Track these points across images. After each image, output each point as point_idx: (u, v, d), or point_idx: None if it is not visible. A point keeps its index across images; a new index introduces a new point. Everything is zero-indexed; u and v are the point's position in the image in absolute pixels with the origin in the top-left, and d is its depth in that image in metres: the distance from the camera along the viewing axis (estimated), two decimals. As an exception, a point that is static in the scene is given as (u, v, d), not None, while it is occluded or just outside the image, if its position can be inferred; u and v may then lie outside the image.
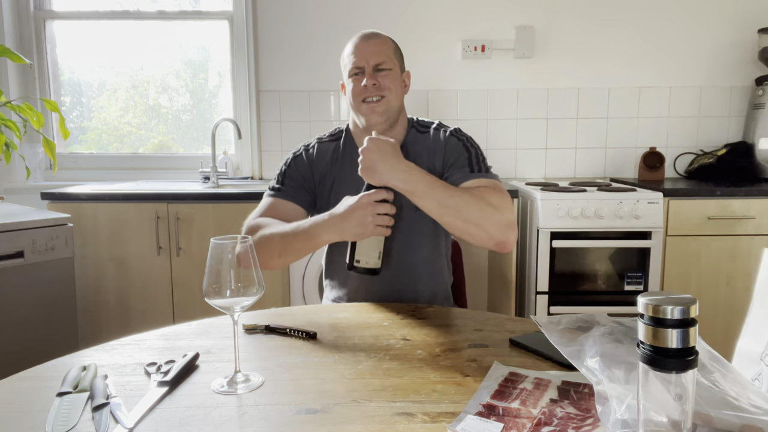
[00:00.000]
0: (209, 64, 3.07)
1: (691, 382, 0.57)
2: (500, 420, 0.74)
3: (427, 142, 1.42)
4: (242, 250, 1.19)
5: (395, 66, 1.39)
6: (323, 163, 1.44)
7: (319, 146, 1.47)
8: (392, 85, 1.36)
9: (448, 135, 1.42)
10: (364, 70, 1.35)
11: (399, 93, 1.39)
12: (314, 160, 1.44)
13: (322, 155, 1.45)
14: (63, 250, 2.03)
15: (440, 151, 1.40)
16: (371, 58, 1.35)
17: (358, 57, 1.36)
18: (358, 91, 1.36)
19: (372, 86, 1.33)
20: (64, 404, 0.80)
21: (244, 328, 1.10)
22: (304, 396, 0.82)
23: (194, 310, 2.42)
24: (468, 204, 1.20)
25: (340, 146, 1.46)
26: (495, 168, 1.51)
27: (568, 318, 0.93)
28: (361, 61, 1.35)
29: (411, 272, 1.40)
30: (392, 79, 1.36)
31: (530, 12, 2.87)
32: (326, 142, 1.48)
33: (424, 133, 1.45)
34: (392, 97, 1.36)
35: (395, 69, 1.38)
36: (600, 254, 2.36)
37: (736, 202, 2.36)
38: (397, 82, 1.38)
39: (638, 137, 2.94)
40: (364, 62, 1.35)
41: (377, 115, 1.35)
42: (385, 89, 1.35)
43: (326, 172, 1.43)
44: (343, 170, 1.42)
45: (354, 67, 1.36)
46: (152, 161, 3.02)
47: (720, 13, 2.86)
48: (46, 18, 2.94)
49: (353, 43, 1.39)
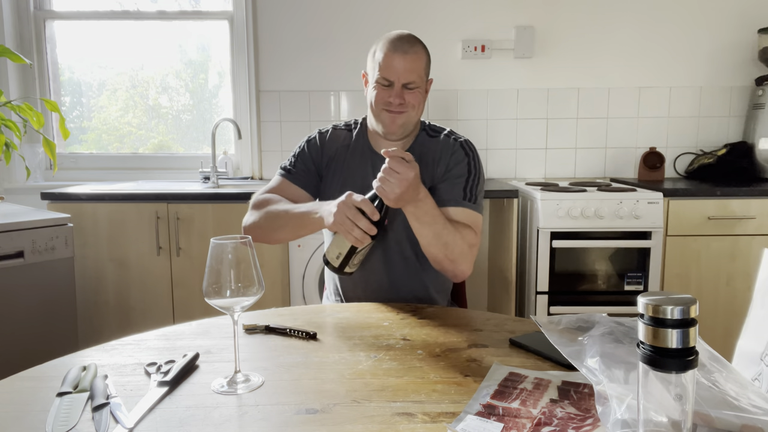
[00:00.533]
0: (209, 64, 3.07)
1: (691, 382, 0.57)
2: (500, 420, 0.74)
3: (436, 147, 1.43)
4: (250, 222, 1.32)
5: (422, 81, 1.38)
6: (334, 147, 1.46)
7: (333, 132, 1.49)
8: (417, 102, 1.36)
9: (457, 145, 1.43)
10: (392, 84, 1.34)
11: (421, 108, 1.39)
12: (326, 143, 1.47)
13: (334, 140, 1.48)
14: (63, 250, 2.03)
15: (445, 159, 1.41)
16: (403, 76, 1.33)
17: (390, 71, 1.33)
18: (381, 100, 1.35)
19: (398, 104, 1.34)
20: (64, 404, 0.80)
21: (244, 328, 1.10)
22: (304, 396, 0.82)
23: (194, 310, 2.42)
24: (456, 244, 1.28)
25: (352, 136, 1.48)
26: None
27: (568, 318, 0.93)
28: (392, 75, 1.33)
29: (413, 269, 1.41)
30: (417, 97, 1.36)
31: (530, 12, 2.87)
32: (341, 129, 1.50)
33: (434, 137, 1.46)
34: (414, 113, 1.37)
35: (422, 85, 1.38)
36: (600, 254, 2.36)
37: (736, 202, 2.36)
38: (420, 98, 1.38)
39: (638, 137, 2.94)
40: (395, 78, 1.33)
41: (396, 126, 1.36)
42: (409, 106, 1.35)
43: (334, 157, 1.46)
44: (352, 161, 1.44)
45: (383, 78, 1.34)
46: (152, 161, 3.02)
47: (720, 13, 2.86)
48: (46, 18, 2.94)
49: (388, 49, 1.34)
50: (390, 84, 1.34)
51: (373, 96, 1.37)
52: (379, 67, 1.34)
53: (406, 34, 1.37)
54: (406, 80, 1.33)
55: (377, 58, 1.36)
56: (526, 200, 2.49)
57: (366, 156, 1.45)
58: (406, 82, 1.33)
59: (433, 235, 1.26)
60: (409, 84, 1.34)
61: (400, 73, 1.33)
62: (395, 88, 1.34)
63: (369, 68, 1.40)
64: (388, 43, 1.35)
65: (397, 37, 1.35)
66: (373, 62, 1.37)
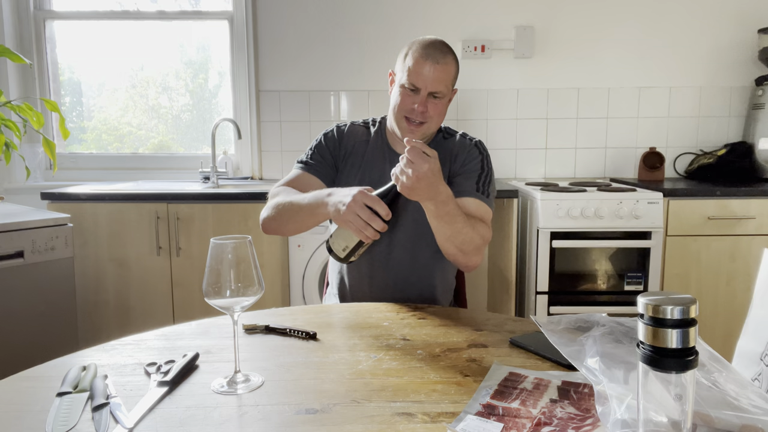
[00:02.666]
0: (209, 64, 3.07)
1: (691, 382, 0.57)
2: (500, 420, 0.74)
3: (451, 147, 1.46)
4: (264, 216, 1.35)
5: (449, 91, 1.38)
6: (351, 142, 1.47)
7: (351, 127, 1.50)
8: (438, 114, 1.37)
9: (471, 144, 1.46)
10: (418, 91, 1.34)
11: (441, 119, 1.40)
12: (344, 137, 1.48)
13: (351, 135, 1.48)
14: (63, 250, 2.03)
15: (461, 157, 1.44)
16: (431, 85, 1.33)
17: (418, 78, 1.32)
18: (404, 107, 1.35)
19: (420, 112, 1.34)
20: (64, 404, 0.80)
21: (244, 328, 1.10)
22: (304, 396, 0.82)
23: (194, 310, 2.42)
24: (472, 240, 1.28)
25: (371, 132, 1.49)
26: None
27: (568, 318, 0.93)
28: (420, 83, 1.33)
29: (422, 270, 1.42)
30: (440, 108, 1.37)
31: (530, 12, 2.87)
32: (359, 126, 1.51)
33: (449, 139, 1.49)
34: (433, 124, 1.38)
35: (447, 95, 1.38)
36: (600, 254, 2.36)
37: (736, 202, 2.36)
38: (444, 109, 1.39)
39: (638, 137, 2.94)
40: (422, 86, 1.33)
41: (413, 135, 1.36)
42: (430, 118, 1.35)
43: (352, 151, 1.47)
44: (371, 157, 1.45)
45: (411, 83, 1.33)
46: (152, 161, 3.02)
47: (720, 13, 2.86)
48: (46, 18, 2.94)
49: (419, 55, 1.33)
50: (416, 90, 1.34)
51: (398, 101, 1.36)
52: (408, 72, 1.33)
53: (440, 41, 1.36)
54: (433, 89, 1.33)
55: (407, 62, 1.34)
56: (526, 200, 2.49)
57: (385, 154, 1.46)
58: (432, 91, 1.33)
59: (452, 233, 1.26)
60: (436, 93, 1.34)
61: (429, 81, 1.32)
62: (421, 95, 1.34)
63: (398, 69, 1.39)
64: (420, 49, 1.33)
65: (430, 43, 1.34)
66: (403, 66, 1.36)
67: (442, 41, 1.38)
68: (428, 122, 1.36)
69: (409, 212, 1.40)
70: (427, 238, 1.39)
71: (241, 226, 2.38)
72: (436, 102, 1.35)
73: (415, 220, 1.39)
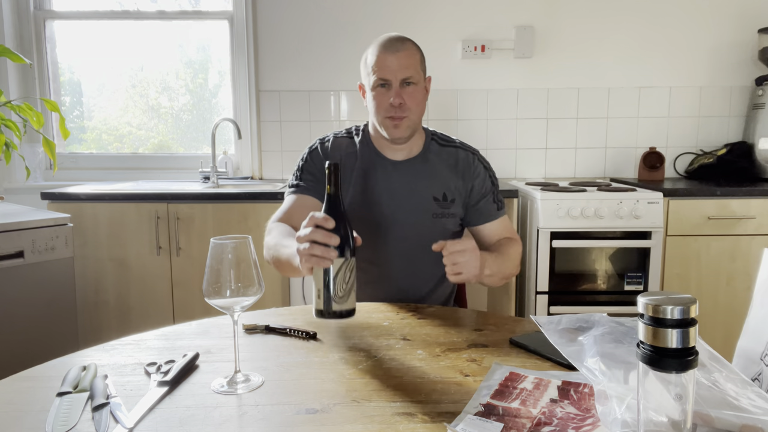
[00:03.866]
0: (209, 64, 3.07)
1: (691, 382, 0.57)
2: (500, 420, 0.74)
3: (451, 158, 1.45)
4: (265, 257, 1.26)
5: (420, 78, 1.36)
6: (338, 155, 1.44)
7: (335, 140, 1.47)
8: (415, 103, 1.35)
9: (475, 160, 1.46)
10: (390, 83, 1.33)
11: (421, 108, 1.38)
12: (329, 152, 1.44)
13: (336, 148, 1.45)
14: (63, 250, 2.03)
15: (468, 175, 1.43)
16: (399, 73, 1.31)
17: (385, 70, 1.32)
18: (382, 105, 1.34)
19: (398, 105, 1.32)
20: (64, 404, 0.80)
21: (244, 328, 1.10)
22: (304, 396, 0.82)
23: (194, 310, 2.42)
24: (512, 269, 1.37)
25: (356, 144, 1.46)
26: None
27: (568, 318, 0.93)
28: (388, 74, 1.32)
29: (421, 273, 1.42)
30: (417, 96, 1.35)
31: (530, 12, 2.87)
32: (342, 137, 1.48)
33: (446, 147, 1.47)
34: (414, 115, 1.36)
35: (420, 81, 1.36)
36: (600, 254, 2.36)
37: (736, 202, 2.36)
38: (421, 97, 1.37)
39: (638, 137, 2.94)
40: (392, 76, 1.32)
41: (400, 131, 1.35)
42: (409, 110, 1.34)
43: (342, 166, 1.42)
44: (363, 170, 1.42)
45: (379, 79, 1.33)
46: (152, 161, 3.02)
47: (720, 13, 2.86)
48: (46, 18, 2.94)
49: (379, 51, 1.33)
50: (387, 84, 1.33)
51: (374, 104, 1.35)
52: (373, 70, 1.33)
53: (395, 34, 1.37)
54: (403, 76, 1.32)
55: (369, 63, 1.34)
56: (526, 200, 2.49)
57: (376, 163, 1.43)
58: (403, 78, 1.32)
59: (498, 279, 1.32)
60: (407, 79, 1.32)
61: (396, 70, 1.31)
62: (393, 87, 1.32)
63: (363, 76, 1.39)
64: (378, 46, 1.34)
65: (386, 38, 1.35)
66: (367, 68, 1.36)
67: (398, 34, 1.37)
68: (409, 114, 1.34)
69: (410, 225, 1.40)
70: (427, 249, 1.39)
71: (241, 226, 2.38)
72: (411, 90, 1.33)
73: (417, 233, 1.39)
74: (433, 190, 1.41)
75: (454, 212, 1.42)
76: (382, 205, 1.40)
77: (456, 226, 1.45)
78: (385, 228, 1.40)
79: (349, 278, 1.01)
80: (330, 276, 0.99)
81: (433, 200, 1.41)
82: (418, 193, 1.41)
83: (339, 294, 1.00)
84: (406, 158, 1.43)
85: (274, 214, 1.41)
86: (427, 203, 1.41)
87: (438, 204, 1.41)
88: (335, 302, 1.00)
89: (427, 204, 1.41)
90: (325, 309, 1.00)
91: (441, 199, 1.42)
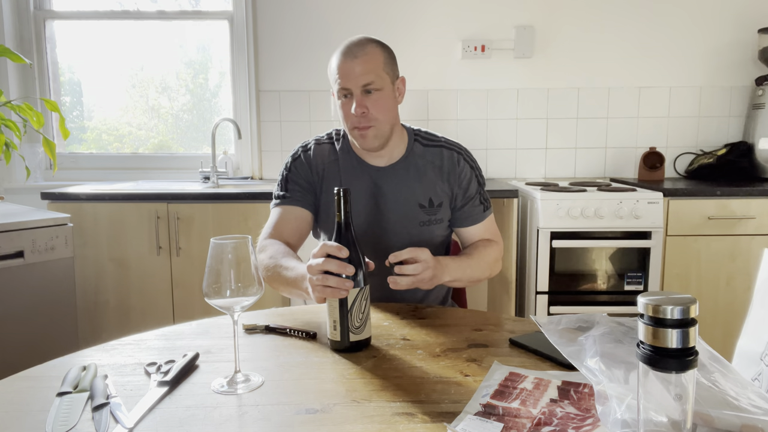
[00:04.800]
0: (209, 64, 3.07)
1: (691, 382, 0.57)
2: (500, 420, 0.74)
3: (436, 159, 1.40)
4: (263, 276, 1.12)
5: (385, 81, 1.29)
6: (321, 163, 1.40)
7: (317, 147, 1.42)
8: (382, 111, 1.28)
9: (460, 160, 1.41)
10: (351, 92, 1.27)
11: (390, 115, 1.31)
12: (312, 160, 1.40)
13: (319, 155, 1.41)
14: (63, 250, 2.03)
15: (454, 176, 1.39)
16: (359, 79, 1.25)
17: (345, 78, 1.26)
18: (347, 116, 1.29)
19: (361, 114, 1.26)
20: (64, 404, 0.80)
21: (244, 328, 1.10)
22: (304, 396, 0.82)
23: (194, 310, 2.42)
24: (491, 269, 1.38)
25: (337, 149, 1.41)
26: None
27: (568, 318, 0.93)
28: (348, 82, 1.26)
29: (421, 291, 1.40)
30: (382, 103, 1.28)
31: (530, 12, 2.87)
32: (324, 143, 1.43)
33: (431, 147, 1.41)
34: (382, 124, 1.29)
35: (386, 86, 1.29)
36: (600, 254, 2.36)
37: (736, 202, 2.36)
38: (388, 103, 1.30)
39: (638, 137, 2.94)
40: (352, 84, 1.26)
41: (369, 140, 1.30)
42: (374, 119, 1.27)
43: (325, 175, 1.39)
44: (347, 178, 1.38)
45: (341, 89, 1.27)
46: (152, 161, 3.02)
47: (720, 13, 2.86)
48: (46, 18, 2.94)
49: (339, 58, 1.28)
50: (349, 93, 1.27)
51: (340, 112, 1.31)
52: (335, 79, 1.28)
53: (358, 38, 1.30)
54: (363, 82, 1.25)
55: (332, 71, 1.29)
56: (526, 200, 2.49)
57: (360, 170, 1.38)
58: (364, 84, 1.25)
59: (465, 283, 1.34)
60: (368, 86, 1.25)
61: (354, 77, 1.25)
62: (355, 96, 1.26)
63: (331, 85, 1.32)
64: (339, 53, 1.28)
65: (347, 43, 1.29)
66: (331, 76, 1.31)
67: (361, 36, 1.30)
68: (374, 123, 1.28)
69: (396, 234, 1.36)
70: None
71: (241, 226, 2.39)
72: (375, 97, 1.27)
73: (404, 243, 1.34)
74: (419, 196, 1.37)
75: (442, 217, 1.39)
76: (367, 216, 1.37)
77: (444, 230, 1.42)
78: (371, 239, 1.36)
79: (364, 307, 0.99)
80: (346, 307, 0.97)
81: (419, 207, 1.37)
82: (403, 202, 1.37)
83: (356, 324, 0.98)
84: (388, 164, 1.38)
85: (264, 230, 1.36)
86: (413, 212, 1.37)
87: (424, 211, 1.37)
88: (352, 333, 0.98)
89: (413, 212, 1.37)
90: (342, 341, 0.98)
91: (427, 205, 1.37)
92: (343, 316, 0.97)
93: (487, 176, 2.95)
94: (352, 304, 0.97)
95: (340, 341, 0.98)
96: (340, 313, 0.97)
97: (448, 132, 2.92)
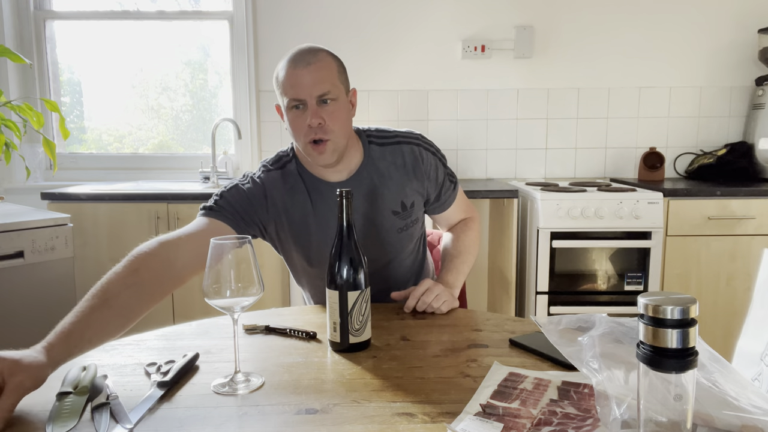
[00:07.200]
0: (209, 64, 3.07)
1: (691, 382, 0.57)
2: (500, 420, 0.74)
3: (397, 157, 1.31)
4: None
5: (341, 91, 1.20)
6: (277, 197, 1.26)
7: (267, 176, 1.28)
8: (338, 123, 1.19)
9: (423, 152, 1.33)
10: (305, 103, 1.17)
11: (346, 127, 1.22)
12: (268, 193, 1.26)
13: (273, 188, 1.27)
14: (63, 250, 2.03)
15: (421, 171, 1.32)
16: (314, 89, 1.16)
17: (297, 88, 1.16)
18: (301, 130, 1.19)
19: (318, 126, 1.17)
20: (64, 404, 0.80)
21: (244, 328, 1.10)
22: (304, 396, 0.82)
23: (194, 310, 2.42)
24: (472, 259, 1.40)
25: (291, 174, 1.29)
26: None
27: (568, 318, 0.92)
28: (302, 92, 1.16)
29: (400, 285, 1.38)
30: (338, 115, 1.19)
31: (530, 12, 2.87)
32: (273, 172, 1.29)
33: (387, 145, 1.32)
34: (338, 137, 1.20)
35: (341, 96, 1.20)
36: (600, 254, 2.36)
37: (736, 202, 2.36)
38: (344, 115, 1.21)
39: (638, 137, 2.94)
40: (306, 95, 1.16)
41: (327, 156, 1.20)
42: (331, 132, 1.18)
43: (283, 208, 1.27)
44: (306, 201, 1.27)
45: (293, 100, 1.17)
46: (152, 161, 3.02)
47: (720, 13, 2.86)
48: (46, 18, 2.94)
49: (288, 66, 1.18)
50: (302, 103, 1.17)
51: (291, 126, 1.20)
52: (285, 89, 1.18)
53: (306, 46, 1.21)
54: (319, 92, 1.16)
55: (280, 82, 1.19)
56: (526, 200, 2.49)
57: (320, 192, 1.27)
58: (319, 95, 1.16)
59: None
60: (324, 95, 1.17)
61: (309, 86, 1.16)
62: (310, 107, 1.17)
63: (278, 98, 1.23)
64: (287, 61, 1.19)
65: (296, 52, 1.20)
66: (279, 87, 1.21)
67: (309, 45, 1.22)
68: (332, 137, 1.18)
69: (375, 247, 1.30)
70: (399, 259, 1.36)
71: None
72: (331, 108, 1.18)
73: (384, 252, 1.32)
74: (390, 202, 1.29)
75: (417, 216, 1.34)
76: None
77: (421, 226, 1.41)
78: None
79: (364, 310, 1.00)
80: (347, 309, 0.98)
81: (393, 215, 1.30)
82: (374, 214, 1.29)
83: (355, 327, 0.99)
84: (349, 176, 1.28)
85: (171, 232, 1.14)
86: (387, 221, 1.30)
87: (399, 217, 1.31)
88: (352, 335, 0.99)
89: (388, 222, 1.30)
90: (341, 342, 0.99)
91: (400, 210, 1.31)
92: (343, 319, 0.98)
93: (487, 176, 2.95)
94: (353, 307, 0.98)
95: (340, 343, 0.99)
96: (341, 315, 0.98)
97: (448, 132, 2.92)
